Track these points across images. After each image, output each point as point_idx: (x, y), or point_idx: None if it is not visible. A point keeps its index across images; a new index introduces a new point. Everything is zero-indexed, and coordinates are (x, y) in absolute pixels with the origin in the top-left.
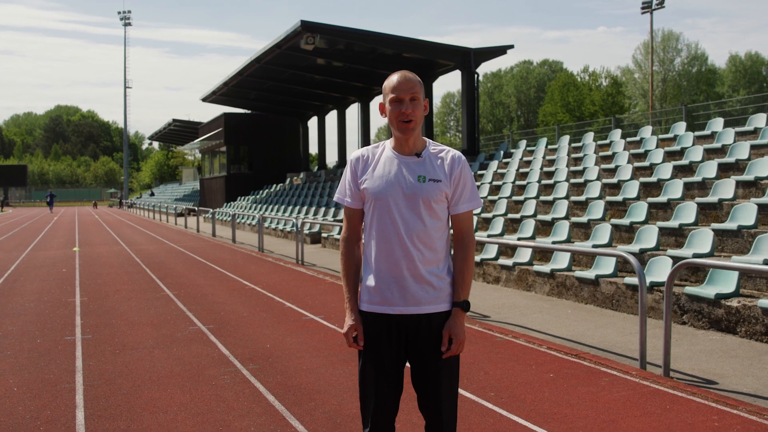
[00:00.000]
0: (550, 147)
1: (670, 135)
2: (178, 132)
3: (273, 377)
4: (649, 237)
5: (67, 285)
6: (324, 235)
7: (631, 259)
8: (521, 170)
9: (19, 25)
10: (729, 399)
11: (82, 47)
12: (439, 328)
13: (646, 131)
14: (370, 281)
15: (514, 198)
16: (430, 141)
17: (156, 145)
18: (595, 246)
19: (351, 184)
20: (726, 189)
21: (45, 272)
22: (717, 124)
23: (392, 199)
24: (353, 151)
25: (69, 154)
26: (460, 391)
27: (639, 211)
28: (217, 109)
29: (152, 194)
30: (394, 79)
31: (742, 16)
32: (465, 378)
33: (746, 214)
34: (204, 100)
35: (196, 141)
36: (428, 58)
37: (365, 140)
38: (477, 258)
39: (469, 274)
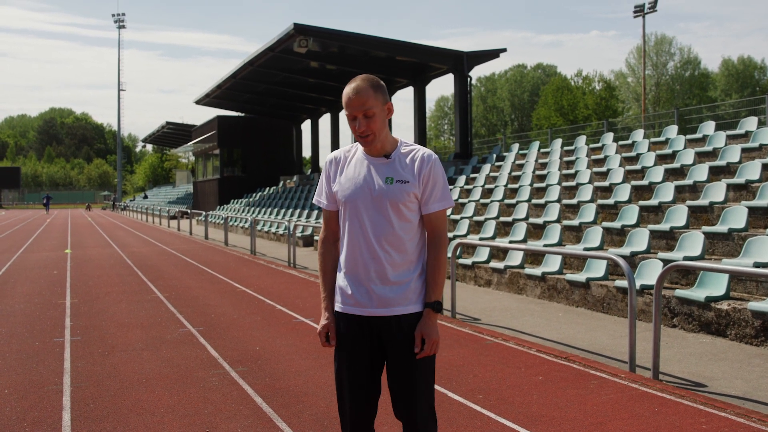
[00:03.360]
0: (542, 150)
1: (661, 138)
2: (172, 135)
3: (261, 379)
4: (640, 240)
5: (57, 287)
6: (316, 237)
7: (621, 261)
8: (513, 173)
9: (11, 27)
10: (717, 402)
11: (75, 49)
12: (410, 330)
13: (638, 135)
14: (342, 282)
15: (506, 201)
16: (402, 140)
17: (149, 147)
18: (586, 249)
19: (326, 186)
20: (717, 192)
21: (36, 274)
22: (708, 127)
23: (361, 202)
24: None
25: (62, 156)
26: (448, 393)
27: (630, 214)
28: (211, 112)
29: (145, 197)
30: (346, 92)
31: (734, 20)
32: (453, 380)
33: (737, 217)
34: (197, 102)
35: (189, 144)
36: (421, 62)
37: None
38: (468, 261)
39: (439, 274)
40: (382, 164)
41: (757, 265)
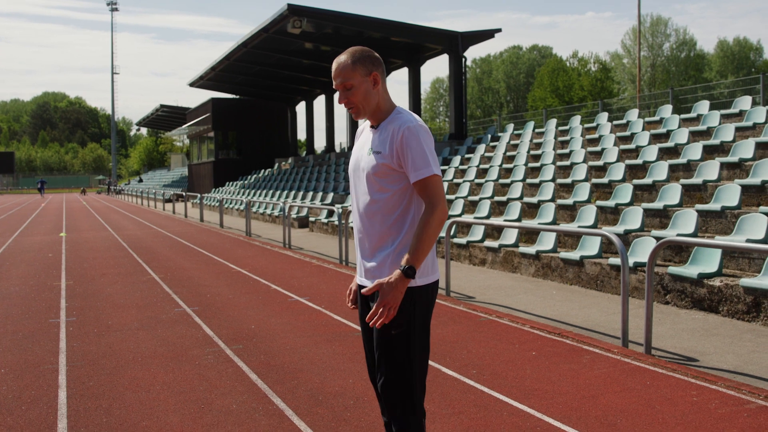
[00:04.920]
0: (537, 130)
1: (656, 118)
2: (166, 118)
3: (256, 357)
4: (633, 218)
5: (53, 269)
6: (312, 219)
7: (614, 238)
8: (508, 153)
9: (4, 11)
10: (708, 375)
11: (68, 33)
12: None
13: (633, 114)
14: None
15: (501, 181)
16: (399, 109)
17: (144, 131)
18: (580, 227)
19: None
20: (710, 170)
21: (31, 257)
22: (703, 107)
23: (353, 172)
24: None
25: (56, 140)
26: (442, 368)
27: (624, 193)
28: (205, 95)
29: (141, 180)
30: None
31: (730, 1)
32: (447, 356)
33: (730, 195)
34: (191, 85)
35: (184, 126)
36: (416, 42)
37: (353, 125)
38: (463, 240)
39: (419, 239)
40: (372, 134)
41: (749, 242)
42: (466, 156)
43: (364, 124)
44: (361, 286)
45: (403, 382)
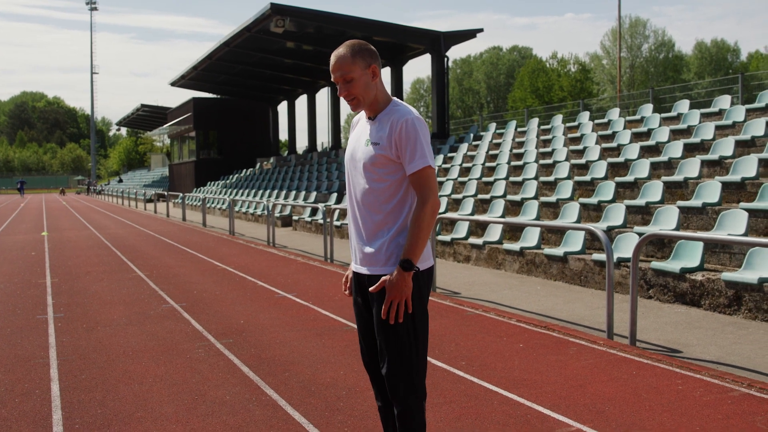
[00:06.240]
0: (519, 129)
1: (637, 117)
2: (147, 117)
3: (247, 350)
4: (616, 215)
5: (37, 267)
6: (295, 218)
7: (599, 232)
8: (491, 152)
9: None
10: (693, 365)
11: (47, 32)
12: (379, 292)
13: (614, 113)
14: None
15: (484, 179)
16: (396, 101)
17: (124, 131)
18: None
19: None
20: (691, 168)
21: (14, 255)
22: (683, 105)
23: (350, 162)
24: None
25: (35, 140)
26: (431, 360)
27: (606, 190)
28: (186, 94)
29: (121, 181)
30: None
31: (708, 3)
32: (436, 348)
33: (710, 191)
34: (173, 84)
35: (164, 126)
36: (399, 42)
37: (335, 125)
38: (447, 237)
39: (414, 234)
40: (369, 125)
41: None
42: (449, 155)
43: (360, 116)
44: (356, 274)
45: (407, 366)
